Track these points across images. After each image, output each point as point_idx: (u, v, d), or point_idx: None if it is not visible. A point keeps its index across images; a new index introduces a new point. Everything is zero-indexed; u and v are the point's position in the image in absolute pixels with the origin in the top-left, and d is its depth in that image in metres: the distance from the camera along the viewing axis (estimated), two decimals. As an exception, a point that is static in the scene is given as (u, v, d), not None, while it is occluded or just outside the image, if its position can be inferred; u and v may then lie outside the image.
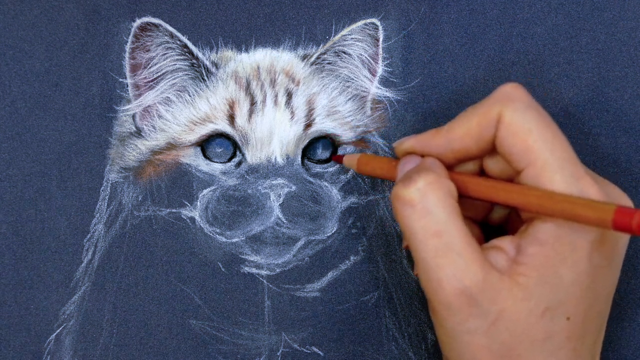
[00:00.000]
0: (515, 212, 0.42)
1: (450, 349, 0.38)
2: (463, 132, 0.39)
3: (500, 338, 0.36)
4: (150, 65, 0.47)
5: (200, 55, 0.47)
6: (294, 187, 0.46)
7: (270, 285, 0.46)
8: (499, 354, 0.37)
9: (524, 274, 0.36)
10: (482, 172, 0.41)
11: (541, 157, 0.36)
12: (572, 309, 0.37)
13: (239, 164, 0.46)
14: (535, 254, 0.36)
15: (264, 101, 0.46)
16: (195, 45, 0.47)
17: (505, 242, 0.38)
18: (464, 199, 0.39)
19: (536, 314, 0.36)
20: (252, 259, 0.46)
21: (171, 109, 0.47)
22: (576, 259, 0.36)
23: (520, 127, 0.37)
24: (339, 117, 0.47)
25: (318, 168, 0.47)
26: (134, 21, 0.47)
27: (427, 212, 0.36)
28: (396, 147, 0.41)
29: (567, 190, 0.35)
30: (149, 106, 0.47)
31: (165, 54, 0.46)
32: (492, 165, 0.40)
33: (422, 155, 0.40)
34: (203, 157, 0.47)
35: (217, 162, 0.46)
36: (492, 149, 0.39)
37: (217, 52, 0.48)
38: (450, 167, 0.40)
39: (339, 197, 0.47)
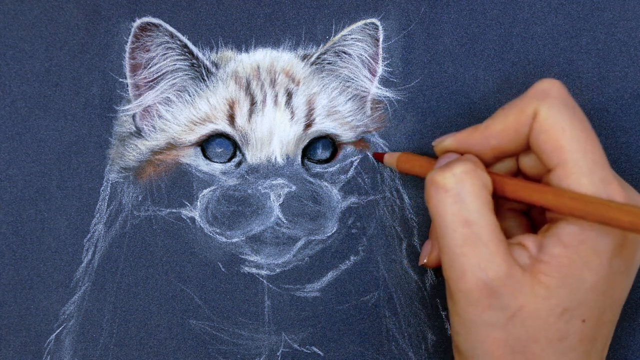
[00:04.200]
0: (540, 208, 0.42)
1: (465, 340, 0.38)
2: (500, 128, 0.39)
3: (516, 334, 0.37)
4: (150, 65, 0.47)
5: (200, 55, 0.47)
6: (294, 187, 0.46)
7: (270, 285, 0.46)
8: (513, 350, 0.37)
9: (546, 273, 0.36)
10: (517, 169, 0.41)
11: (572, 158, 0.36)
12: (589, 312, 0.37)
13: (239, 164, 0.46)
14: (558, 255, 0.36)
15: (264, 101, 0.46)
16: (195, 45, 0.47)
17: (528, 240, 0.38)
18: None
19: (555, 314, 0.36)
20: (252, 259, 0.46)
21: (171, 109, 0.47)
22: (598, 264, 0.36)
23: (554, 125, 0.37)
24: (339, 117, 0.47)
25: (318, 168, 0.47)
26: (134, 21, 0.47)
27: (460, 199, 0.37)
28: (435, 145, 0.42)
29: (594, 194, 0.36)
30: (149, 106, 0.47)
31: (165, 54, 0.46)
32: (527, 162, 0.40)
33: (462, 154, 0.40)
34: (203, 157, 0.47)
35: (217, 162, 0.46)
36: (529, 146, 0.39)
37: (217, 52, 0.48)
38: (488, 164, 0.40)
39: (339, 197, 0.47)
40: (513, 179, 0.39)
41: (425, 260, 0.44)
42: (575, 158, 0.36)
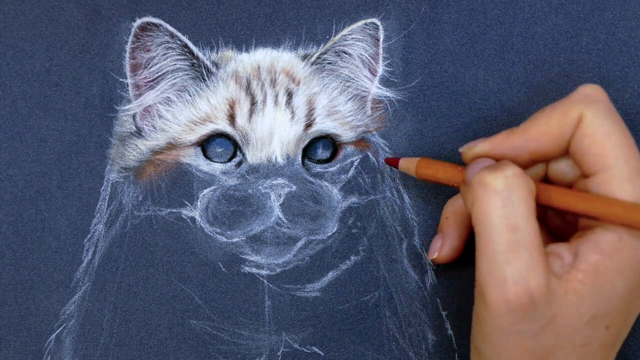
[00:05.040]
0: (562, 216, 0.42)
1: (490, 346, 0.37)
2: (542, 131, 0.38)
3: (545, 342, 0.36)
4: (150, 65, 0.47)
5: (200, 55, 0.47)
6: (294, 187, 0.46)
7: (271, 285, 0.46)
8: (537, 356, 0.37)
9: (581, 280, 0.36)
10: (545, 176, 0.41)
11: (616, 164, 0.36)
12: (614, 319, 0.37)
13: (239, 163, 0.46)
14: (595, 262, 0.36)
15: (264, 101, 0.46)
16: (195, 45, 0.47)
17: (562, 249, 0.37)
18: None
19: (583, 321, 0.36)
20: (252, 259, 0.46)
21: (171, 109, 0.47)
22: (631, 272, 0.36)
23: (600, 131, 0.36)
24: (339, 117, 0.47)
25: (318, 168, 0.47)
26: (134, 21, 0.47)
27: (510, 203, 0.36)
28: (465, 152, 0.40)
29: (636, 201, 0.36)
30: (149, 106, 0.47)
31: (165, 53, 0.46)
32: (559, 168, 0.40)
33: (495, 159, 0.39)
34: (203, 157, 0.47)
35: (217, 162, 0.46)
36: (566, 152, 0.38)
37: (217, 52, 0.48)
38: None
39: (339, 197, 0.47)
40: (557, 187, 0.38)
41: (435, 255, 0.44)
42: (619, 164, 0.36)
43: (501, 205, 0.36)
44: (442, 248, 0.44)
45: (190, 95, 0.47)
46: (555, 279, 0.36)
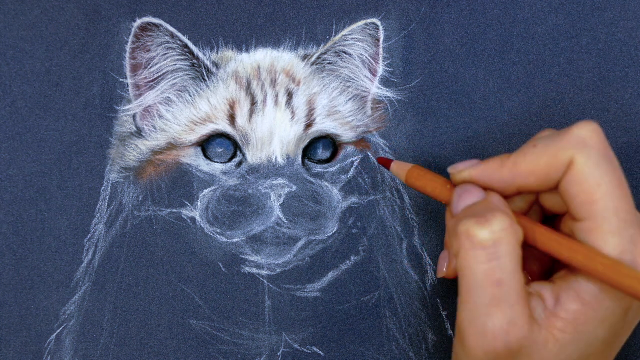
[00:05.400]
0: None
1: None
2: (530, 169, 0.37)
3: None
4: (150, 65, 0.47)
5: (200, 55, 0.47)
6: (294, 187, 0.46)
7: (271, 285, 0.46)
8: None
9: (561, 329, 0.36)
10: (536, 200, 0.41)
11: (603, 215, 0.35)
12: (596, 359, 0.37)
13: (239, 163, 0.46)
14: (575, 311, 0.36)
15: (264, 101, 0.46)
16: (195, 45, 0.47)
17: (545, 290, 0.37)
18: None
19: None
20: (252, 259, 0.46)
21: (171, 109, 0.47)
22: (613, 320, 0.36)
23: (590, 179, 0.35)
24: (339, 117, 0.47)
25: (318, 168, 0.47)
26: (134, 21, 0.47)
27: (496, 257, 0.35)
28: (453, 173, 0.40)
29: (620, 254, 0.35)
30: (149, 106, 0.47)
31: (165, 53, 0.46)
32: (550, 199, 0.39)
33: (483, 187, 0.39)
34: (203, 157, 0.47)
35: (217, 162, 0.46)
36: (556, 187, 0.38)
37: (217, 52, 0.48)
38: (506, 197, 0.39)
39: (339, 197, 0.47)
40: (543, 229, 0.38)
41: (443, 273, 0.43)
42: (607, 215, 0.35)
43: (486, 260, 0.35)
44: (449, 265, 0.43)
45: (190, 95, 0.47)
46: (537, 327, 0.36)
